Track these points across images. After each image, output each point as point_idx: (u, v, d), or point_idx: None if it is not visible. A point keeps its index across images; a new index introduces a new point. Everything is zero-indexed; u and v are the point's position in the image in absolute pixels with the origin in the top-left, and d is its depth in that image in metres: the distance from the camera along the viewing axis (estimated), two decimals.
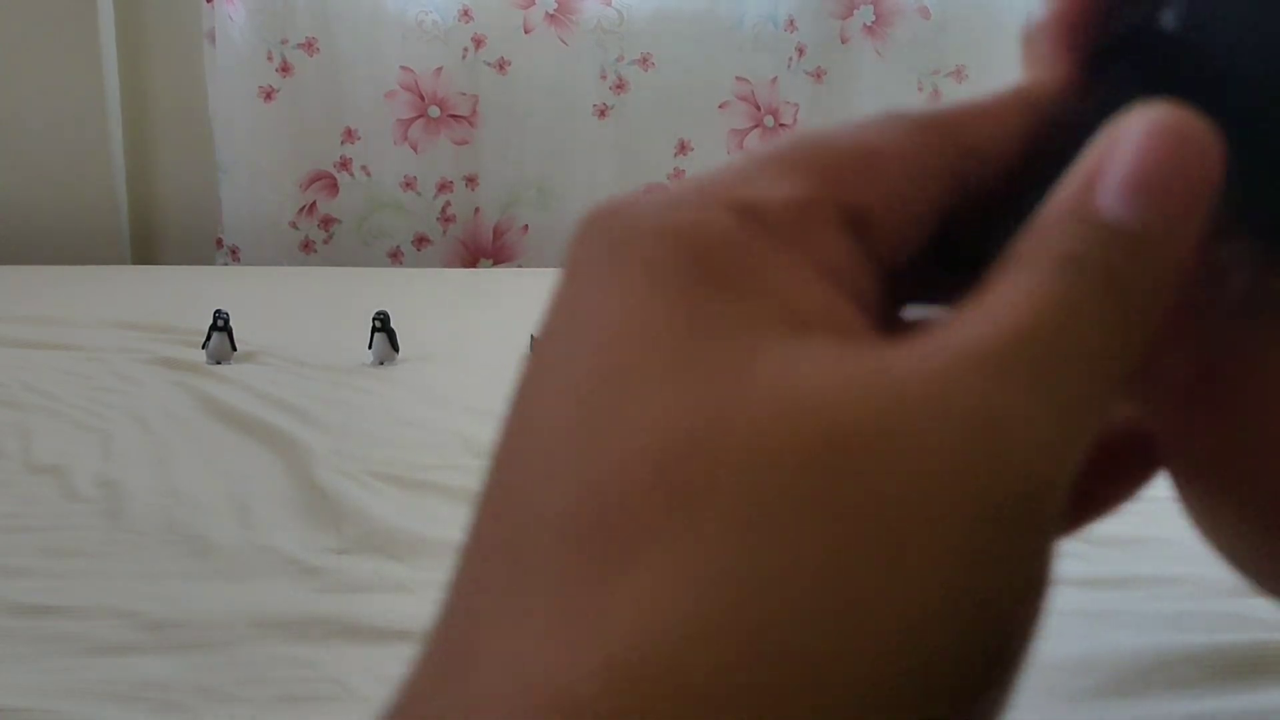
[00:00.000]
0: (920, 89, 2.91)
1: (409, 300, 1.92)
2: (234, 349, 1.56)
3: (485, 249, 2.85)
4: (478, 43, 2.76)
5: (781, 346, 0.16)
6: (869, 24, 2.86)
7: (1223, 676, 0.64)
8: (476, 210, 2.84)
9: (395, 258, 2.83)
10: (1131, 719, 0.60)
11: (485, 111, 2.79)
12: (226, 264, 2.77)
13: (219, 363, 1.52)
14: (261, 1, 2.70)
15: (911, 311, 0.21)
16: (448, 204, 2.83)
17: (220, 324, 1.54)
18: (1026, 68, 0.21)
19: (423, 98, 2.77)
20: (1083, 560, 0.84)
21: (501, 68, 2.77)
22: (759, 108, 2.86)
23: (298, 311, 1.98)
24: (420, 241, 2.84)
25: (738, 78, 2.84)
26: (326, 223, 2.80)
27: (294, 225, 2.79)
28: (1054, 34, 0.21)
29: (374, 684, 0.66)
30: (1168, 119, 0.17)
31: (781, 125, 2.86)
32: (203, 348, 1.55)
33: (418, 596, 0.78)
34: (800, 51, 2.84)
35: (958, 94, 2.90)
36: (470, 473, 1.06)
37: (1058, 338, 0.16)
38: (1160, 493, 0.22)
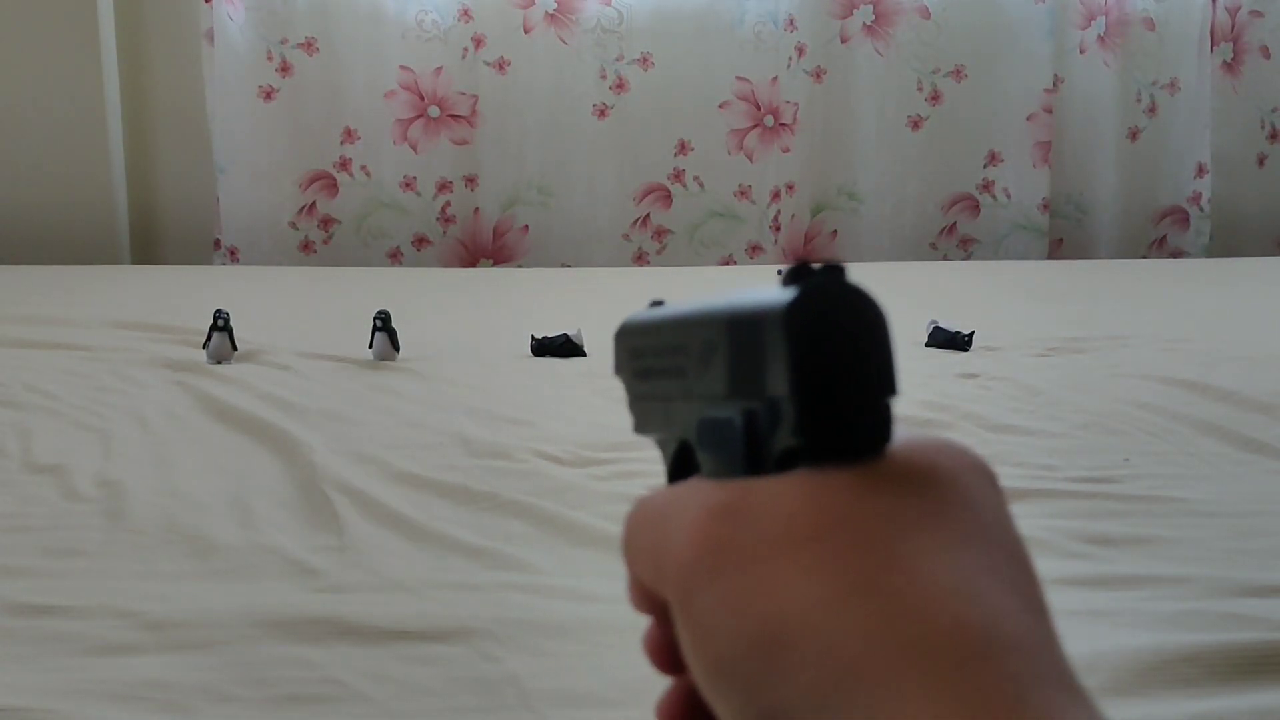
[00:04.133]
0: (920, 88, 2.91)
1: (409, 300, 1.92)
2: (234, 349, 1.56)
3: (485, 249, 2.85)
4: (478, 43, 2.76)
5: None
6: (869, 23, 2.86)
7: (1223, 676, 0.64)
8: (476, 210, 2.84)
9: (395, 258, 2.83)
10: (1131, 719, 0.60)
11: (485, 111, 2.78)
12: (224, 264, 2.76)
13: (219, 363, 1.52)
14: (261, 1, 2.70)
15: None
16: (447, 204, 2.83)
17: (220, 324, 1.54)
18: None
19: (422, 98, 2.77)
20: (1083, 560, 0.84)
21: (501, 68, 2.77)
22: (759, 107, 2.85)
23: (298, 311, 1.98)
24: (420, 242, 2.84)
25: (738, 77, 2.83)
26: (326, 223, 2.80)
27: (293, 225, 2.79)
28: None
29: (374, 684, 0.66)
30: None
31: (782, 125, 2.86)
32: (203, 348, 1.55)
33: (417, 596, 0.78)
34: (800, 51, 2.84)
35: (957, 93, 2.91)
36: (469, 472, 1.06)
37: None
38: (1160, 493, 0.22)
